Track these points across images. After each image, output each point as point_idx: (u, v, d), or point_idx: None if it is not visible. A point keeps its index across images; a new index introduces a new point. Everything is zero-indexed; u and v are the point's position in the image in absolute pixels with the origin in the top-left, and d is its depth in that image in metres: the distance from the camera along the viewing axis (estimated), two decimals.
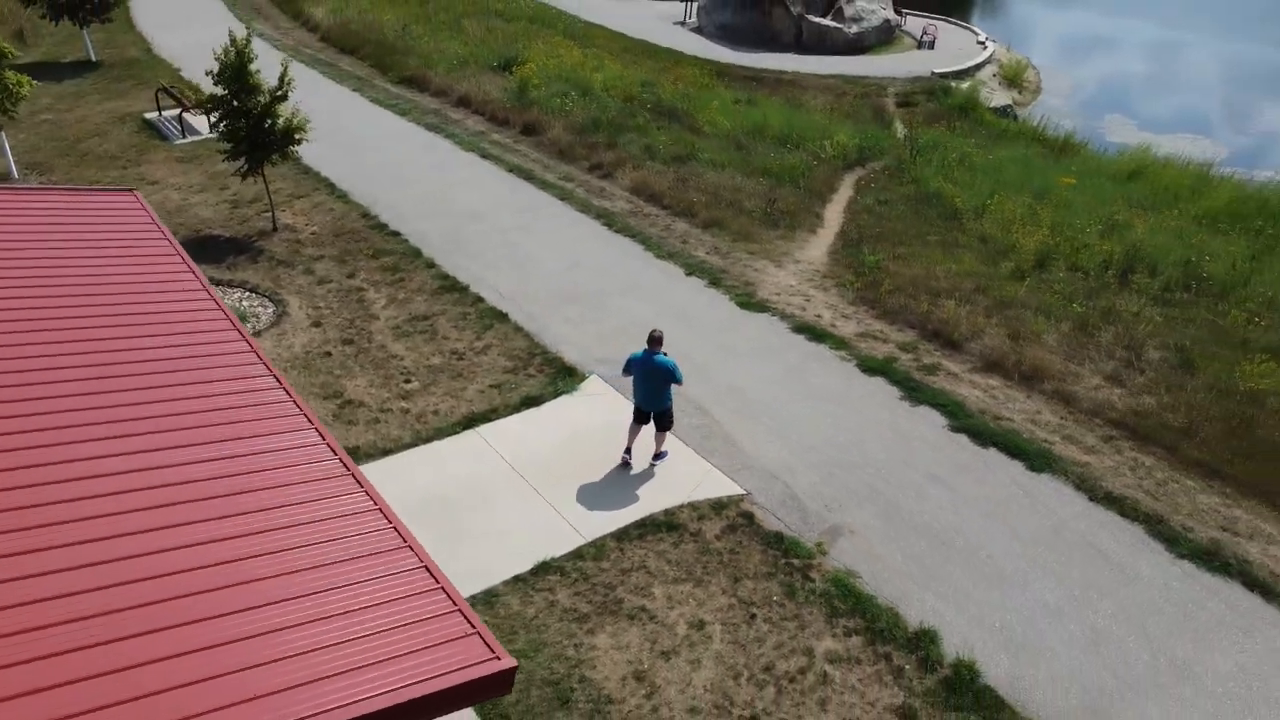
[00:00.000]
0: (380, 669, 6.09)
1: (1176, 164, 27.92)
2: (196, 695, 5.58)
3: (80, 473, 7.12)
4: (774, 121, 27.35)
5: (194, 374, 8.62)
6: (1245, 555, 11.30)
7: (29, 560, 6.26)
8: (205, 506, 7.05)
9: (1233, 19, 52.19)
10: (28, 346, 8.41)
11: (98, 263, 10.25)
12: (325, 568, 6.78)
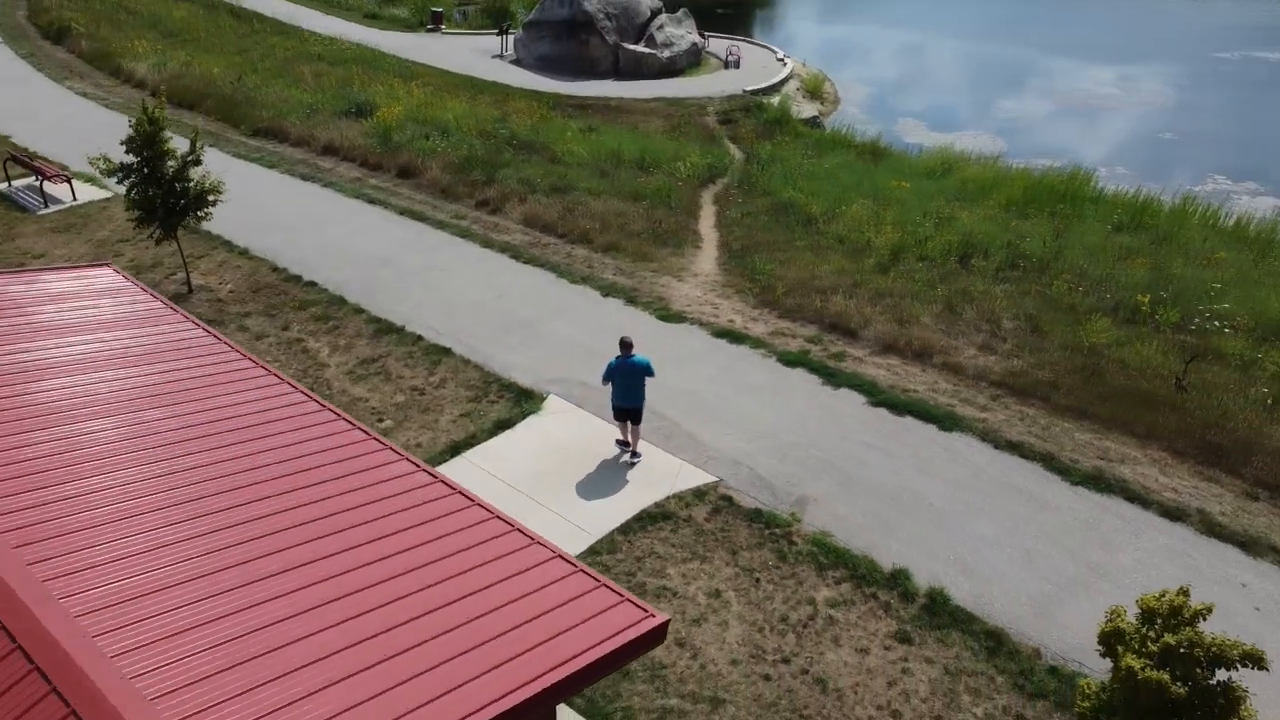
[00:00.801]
0: (558, 641, 7.38)
1: (975, 160, 31.85)
2: (433, 682, 6.67)
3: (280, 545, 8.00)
4: (626, 148, 29.26)
5: (292, 442, 9.48)
6: (1121, 476, 14.01)
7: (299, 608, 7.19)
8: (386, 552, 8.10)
9: (989, 24, 58.44)
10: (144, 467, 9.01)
11: (137, 349, 10.77)
12: (486, 570, 7.98)
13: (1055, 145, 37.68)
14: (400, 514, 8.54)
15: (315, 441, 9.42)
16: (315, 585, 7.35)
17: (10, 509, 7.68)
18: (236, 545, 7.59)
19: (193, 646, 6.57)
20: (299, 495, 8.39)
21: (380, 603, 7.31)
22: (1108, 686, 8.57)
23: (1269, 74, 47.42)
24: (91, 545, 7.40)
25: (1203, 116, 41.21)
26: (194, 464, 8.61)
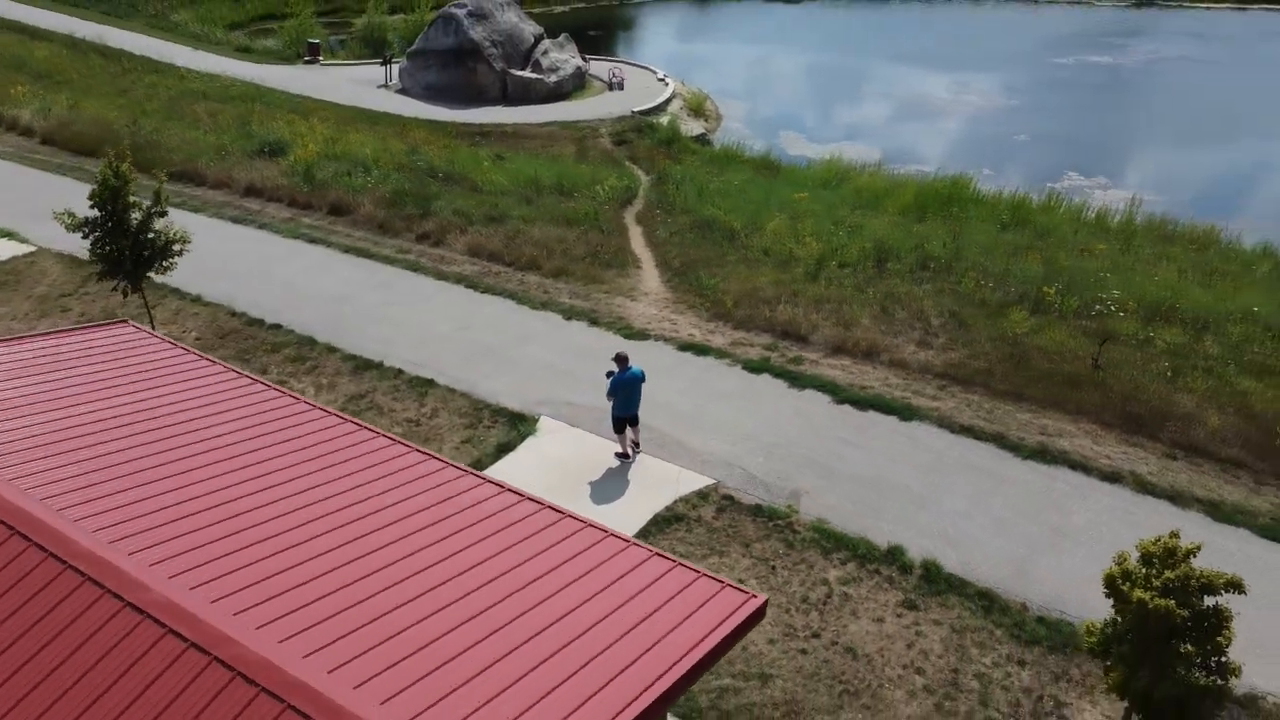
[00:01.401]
0: (678, 634, 8.43)
1: (862, 170, 34.21)
2: (579, 688, 7.58)
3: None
4: (543, 174, 30.27)
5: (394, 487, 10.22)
6: (1062, 449, 15.97)
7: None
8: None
9: (843, 38, 61.71)
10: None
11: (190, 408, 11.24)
12: (596, 575, 8.97)
13: (924, 152, 40.50)
14: (502, 534, 9.42)
15: (400, 475, 10.19)
16: (472, 621, 8.08)
17: (216, 570, 8.18)
18: (390, 589, 8.30)
19: (394, 660, 7.39)
20: (422, 537, 9.12)
21: (509, 619, 8.12)
22: (1110, 622, 10.20)
23: (1103, 77, 51.95)
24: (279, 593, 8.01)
25: (1050, 119, 44.98)
26: (324, 520, 9.25)
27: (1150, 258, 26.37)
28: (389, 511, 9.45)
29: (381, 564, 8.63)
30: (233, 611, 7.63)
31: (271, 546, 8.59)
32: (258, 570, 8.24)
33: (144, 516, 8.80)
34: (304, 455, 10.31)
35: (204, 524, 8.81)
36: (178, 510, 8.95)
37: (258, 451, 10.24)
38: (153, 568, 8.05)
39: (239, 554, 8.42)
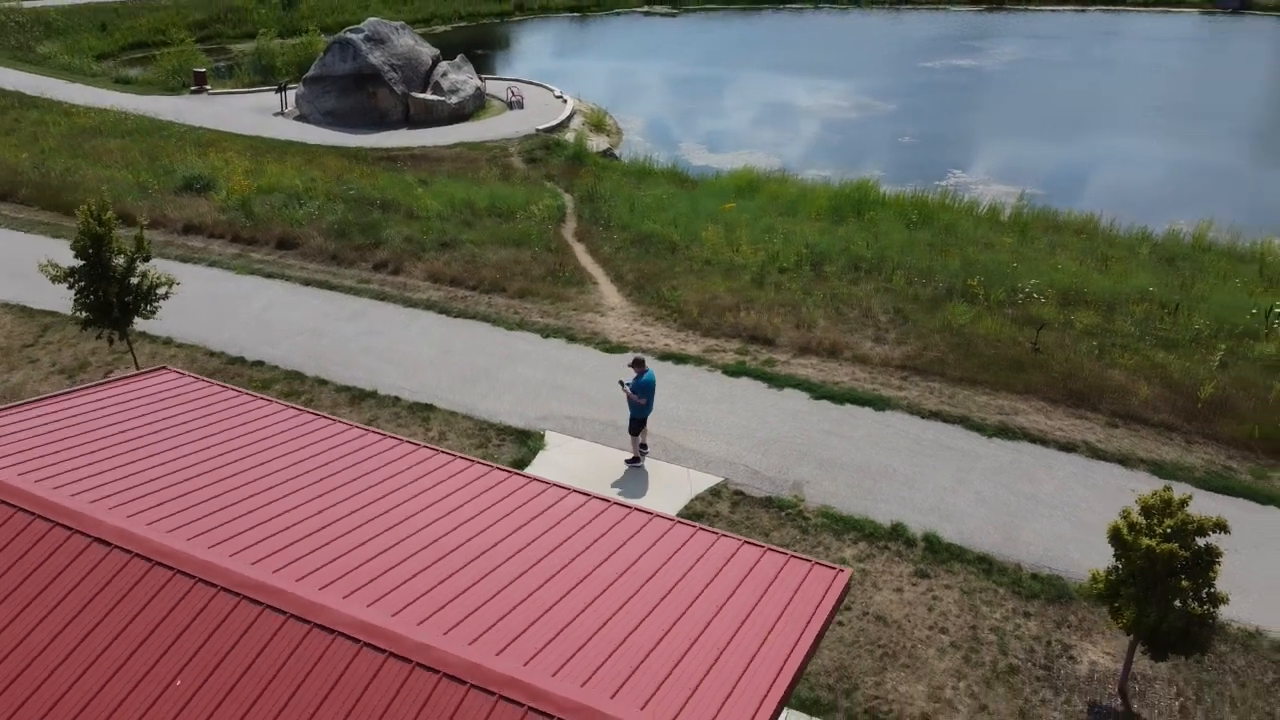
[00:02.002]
0: (791, 611, 9.59)
1: (772, 178, 35.99)
2: (725, 670, 8.69)
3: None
4: (475, 197, 30.93)
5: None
6: (1021, 425, 17.85)
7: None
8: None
9: (720, 49, 63.86)
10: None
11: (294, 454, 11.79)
12: (703, 566, 10.07)
13: (819, 157, 42.71)
14: (608, 538, 10.39)
15: (496, 491, 11.03)
16: (615, 617, 9.05)
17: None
18: (534, 595, 9.17)
19: (569, 653, 8.32)
20: (540, 545, 10.00)
21: (646, 613, 9.12)
22: (1113, 569, 11.86)
23: (968, 79, 55.65)
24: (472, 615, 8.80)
25: (928, 121, 48.05)
26: (450, 536, 10.05)
27: (1046, 247, 28.94)
28: (503, 524, 10.30)
29: (516, 572, 9.50)
30: (415, 622, 8.42)
31: (414, 564, 9.36)
32: (413, 586, 9.02)
33: (288, 547, 9.43)
34: (400, 480, 11.04)
35: (345, 549, 9.50)
36: (317, 539, 9.61)
37: (358, 480, 10.91)
38: (322, 591, 8.74)
39: (389, 574, 9.17)
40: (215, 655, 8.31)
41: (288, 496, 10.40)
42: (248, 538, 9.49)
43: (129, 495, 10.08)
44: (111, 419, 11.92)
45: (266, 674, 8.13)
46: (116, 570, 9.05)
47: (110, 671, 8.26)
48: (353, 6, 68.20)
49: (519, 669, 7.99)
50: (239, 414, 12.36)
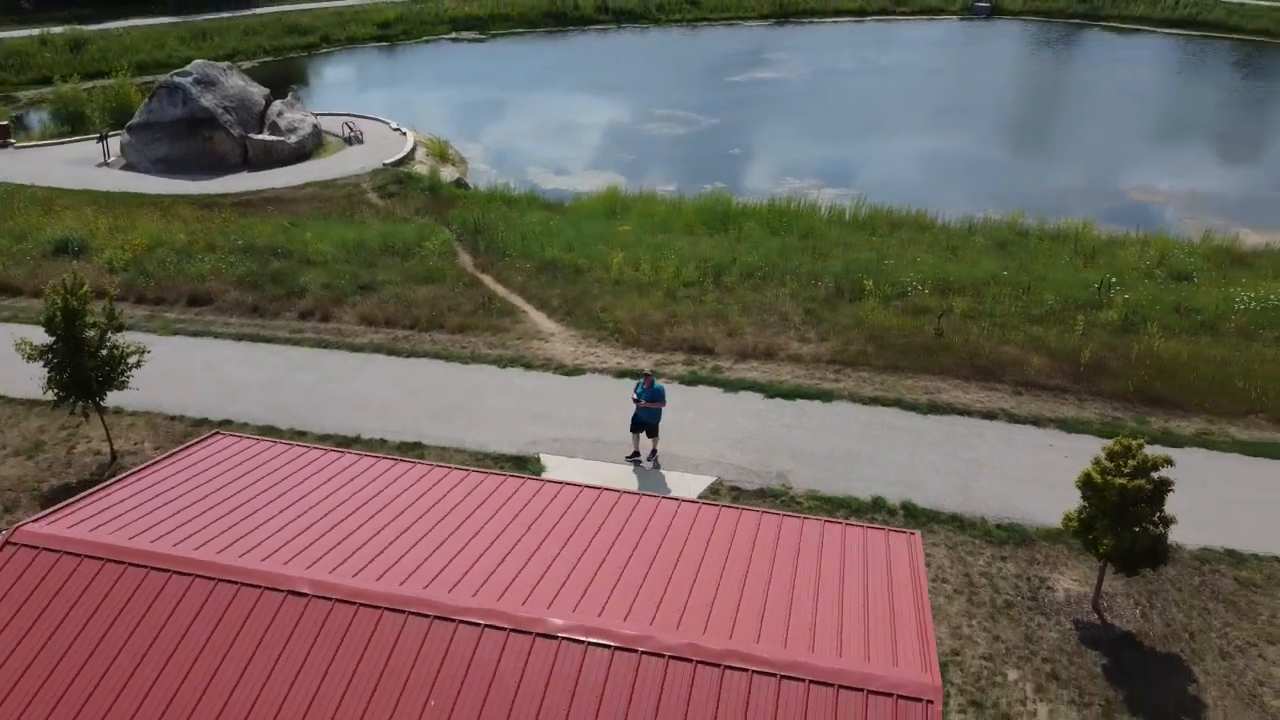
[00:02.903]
0: (897, 575, 11.54)
1: (634, 197, 37.97)
2: (881, 637, 10.55)
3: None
4: (365, 237, 31.22)
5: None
6: (947, 401, 20.64)
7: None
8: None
9: (534, 73, 65.27)
10: None
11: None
12: (809, 548, 11.83)
13: (659, 173, 44.98)
14: (729, 535, 11.96)
15: (623, 504, 12.37)
16: (779, 600, 10.73)
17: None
18: (710, 602, 10.67)
19: (781, 635, 9.90)
20: (691, 550, 11.45)
21: (802, 595, 10.81)
22: (1082, 509, 14.52)
23: (774, 90, 59.74)
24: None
25: (749, 132, 51.59)
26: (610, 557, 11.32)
27: (898, 243, 32.42)
28: (628, 532, 11.69)
29: (665, 569, 10.95)
30: (620, 619, 9.75)
31: (579, 575, 10.63)
32: (624, 591, 10.32)
33: (462, 574, 10.47)
34: (512, 504, 12.18)
35: (508, 568, 10.63)
36: (478, 563, 10.68)
37: (461, 508, 11.97)
38: (525, 605, 9.91)
39: (555, 585, 10.39)
40: (456, 676, 9.33)
41: (410, 530, 11.36)
42: (423, 571, 10.47)
43: (289, 550, 10.78)
44: (206, 485, 12.36)
45: (510, 680, 9.24)
46: (324, 616, 9.84)
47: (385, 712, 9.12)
48: (148, 46, 65.12)
49: (727, 642, 9.51)
50: (313, 465, 13.05)
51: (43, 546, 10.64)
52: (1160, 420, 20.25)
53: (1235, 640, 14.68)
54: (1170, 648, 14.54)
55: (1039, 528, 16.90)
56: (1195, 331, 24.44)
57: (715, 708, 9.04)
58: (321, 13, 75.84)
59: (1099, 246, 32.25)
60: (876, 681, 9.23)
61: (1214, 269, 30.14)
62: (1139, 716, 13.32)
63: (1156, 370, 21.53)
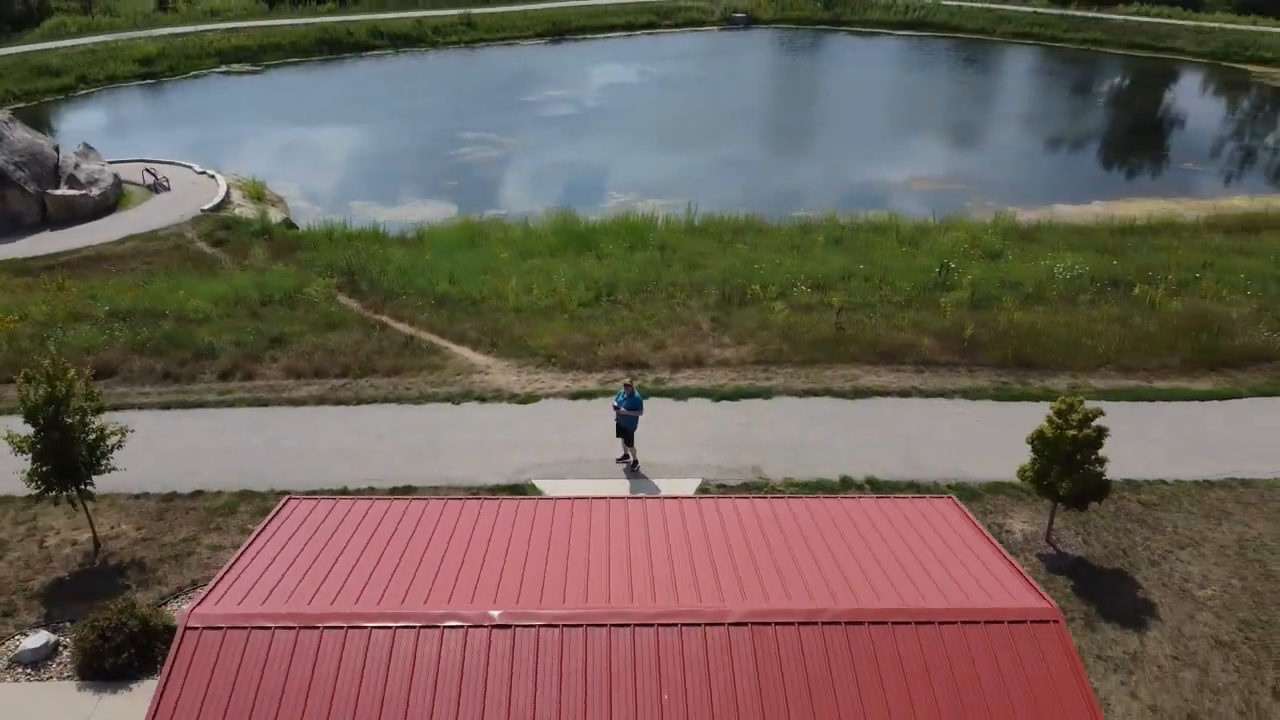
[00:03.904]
0: (959, 533, 13.79)
1: (489, 224, 38.74)
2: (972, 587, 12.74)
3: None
4: (238, 288, 30.38)
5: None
6: (868, 386, 23.41)
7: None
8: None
9: (328, 102, 63.97)
10: None
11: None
12: (877, 522, 13.86)
13: (485, 197, 45.74)
14: (799, 524, 13.76)
15: (690, 515, 13.86)
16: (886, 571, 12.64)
17: None
18: (824, 575, 12.42)
19: None
20: (783, 542, 13.15)
21: (879, 564, 12.82)
22: (1034, 461, 17.45)
23: (570, 108, 61.73)
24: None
25: (558, 150, 53.00)
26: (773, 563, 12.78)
27: (749, 247, 35.24)
28: (729, 531, 13.26)
29: (801, 556, 12.62)
30: (830, 598, 11.39)
31: (738, 569, 12.16)
32: (764, 577, 11.87)
33: (626, 588, 11.72)
34: (610, 523, 13.45)
35: (657, 578, 11.99)
36: (629, 579, 11.97)
37: (561, 533, 13.15)
38: (703, 602, 11.33)
39: (739, 579, 11.90)
40: (677, 673, 10.63)
41: (541, 555, 12.50)
42: (592, 588, 11.65)
43: (446, 590, 11.61)
44: (326, 546, 12.86)
45: (722, 663, 10.66)
46: (511, 641, 10.82)
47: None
48: None
49: (866, 603, 11.37)
50: (404, 513, 13.75)
51: (227, 626, 10.93)
52: (1038, 380, 23.94)
53: (1156, 550, 18.11)
54: (1113, 564, 17.75)
55: (980, 483, 19.85)
56: (1027, 302, 28.62)
57: (876, 660, 10.83)
58: (71, 52, 70.39)
59: (916, 235, 36.43)
60: (1007, 614, 11.38)
61: (1015, 246, 34.95)
62: (1111, 621, 16.34)
63: (1021, 339, 25.29)
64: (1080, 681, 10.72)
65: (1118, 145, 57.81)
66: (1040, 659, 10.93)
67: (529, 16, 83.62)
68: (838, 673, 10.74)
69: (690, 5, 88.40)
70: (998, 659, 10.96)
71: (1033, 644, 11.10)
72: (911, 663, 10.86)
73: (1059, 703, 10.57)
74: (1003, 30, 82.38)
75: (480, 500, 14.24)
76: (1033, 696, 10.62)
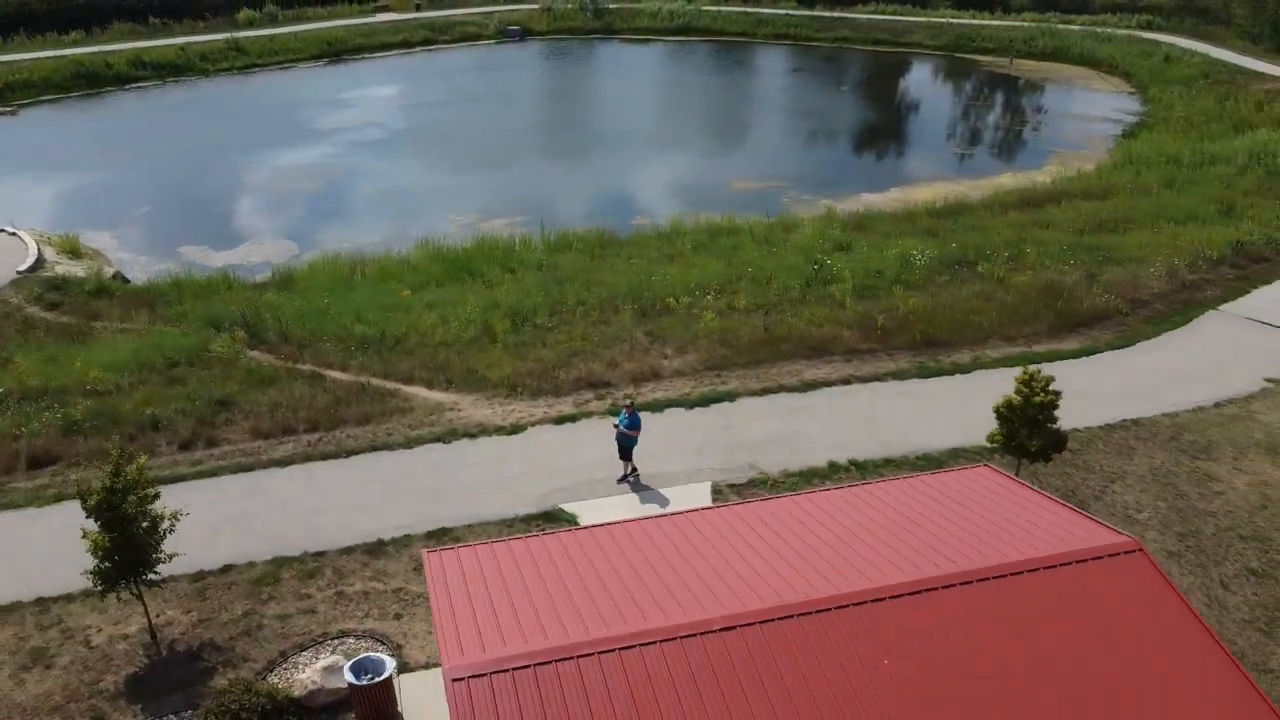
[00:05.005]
0: (1015, 491, 16.48)
1: (368, 259, 38.35)
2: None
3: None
4: (141, 354, 28.66)
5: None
6: (812, 378, 26.06)
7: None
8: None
9: (116, 141, 59.56)
10: None
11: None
12: (941, 491, 16.30)
13: (328, 230, 44.70)
14: (887, 504, 15.96)
15: (833, 509, 15.75)
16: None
17: None
18: (935, 550, 14.64)
19: None
20: (893, 523, 15.25)
21: (958, 531, 15.27)
22: (1002, 428, 20.63)
23: (371, 133, 60.89)
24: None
25: (385, 178, 52.04)
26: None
27: (627, 259, 37.05)
28: (864, 520, 15.27)
29: (892, 534, 14.80)
30: (935, 566, 13.58)
31: (871, 552, 14.16)
32: (891, 554, 13.95)
33: (829, 582, 13.49)
34: (771, 527, 15.14)
35: (845, 570, 13.85)
36: (822, 572, 13.76)
37: (758, 539, 14.78)
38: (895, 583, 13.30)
39: (879, 561, 13.90)
40: (889, 638, 12.53)
41: (739, 559, 14.04)
42: (779, 588, 13.31)
43: (680, 599, 12.91)
44: (503, 592, 13.67)
45: (933, 629, 12.67)
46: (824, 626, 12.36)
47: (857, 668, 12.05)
48: None
49: (968, 564, 13.74)
50: (569, 543, 14.80)
51: (489, 672, 11.71)
52: (945, 356, 27.52)
53: (1095, 487, 21.84)
54: (1070, 501, 21.21)
55: (940, 451, 22.93)
56: (897, 288, 32.33)
57: (1018, 608, 13.21)
58: None
59: (769, 234, 39.67)
60: (1100, 550, 14.07)
61: (859, 237, 38.90)
62: None
63: (921, 322, 28.80)
64: (1176, 595, 13.57)
65: (894, 135, 64.36)
66: (1139, 584, 13.69)
67: (301, 39, 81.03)
68: (998, 622, 13.01)
69: (465, 20, 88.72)
70: (1106, 589, 13.62)
71: (1129, 572, 13.85)
72: (1044, 605, 13.29)
73: (1164, 615, 13.35)
74: (763, 33, 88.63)
75: (605, 527, 15.39)
76: (1144, 615, 13.33)
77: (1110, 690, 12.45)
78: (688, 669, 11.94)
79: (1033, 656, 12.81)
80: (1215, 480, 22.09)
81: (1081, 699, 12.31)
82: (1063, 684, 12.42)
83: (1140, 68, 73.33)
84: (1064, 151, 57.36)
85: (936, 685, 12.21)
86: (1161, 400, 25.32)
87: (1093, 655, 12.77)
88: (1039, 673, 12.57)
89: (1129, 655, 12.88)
